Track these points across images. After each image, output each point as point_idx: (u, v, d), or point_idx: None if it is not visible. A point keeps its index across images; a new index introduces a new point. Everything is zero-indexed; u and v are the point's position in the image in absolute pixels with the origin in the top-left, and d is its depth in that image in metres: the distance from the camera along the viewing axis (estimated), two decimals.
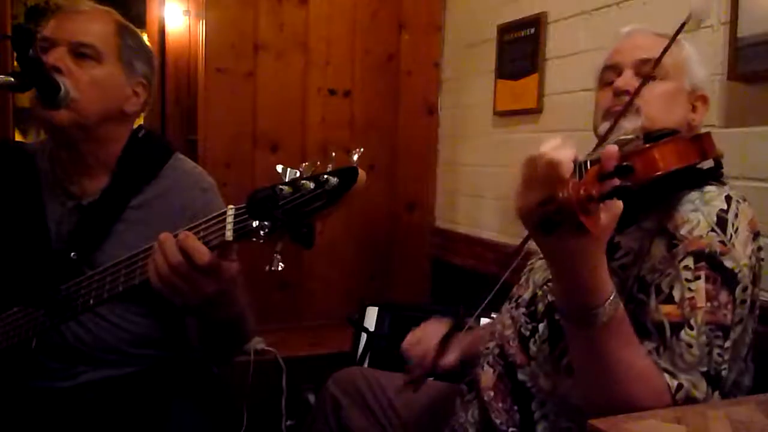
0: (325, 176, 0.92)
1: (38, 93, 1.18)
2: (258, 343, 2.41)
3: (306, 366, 2.44)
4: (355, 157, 0.93)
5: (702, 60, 1.33)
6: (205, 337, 1.31)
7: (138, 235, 1.25)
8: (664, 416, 0.89)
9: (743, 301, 1.07)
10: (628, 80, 1.25)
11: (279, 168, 0.96)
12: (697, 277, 1.05)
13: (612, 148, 0.89)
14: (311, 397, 2.33)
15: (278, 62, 2.68)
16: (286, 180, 0.94)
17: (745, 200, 1.16)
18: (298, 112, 2.74)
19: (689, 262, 1.06)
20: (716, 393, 1.02)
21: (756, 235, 1.13)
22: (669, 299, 1.06)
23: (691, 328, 1.03)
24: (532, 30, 2.32)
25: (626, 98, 1.22)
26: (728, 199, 1.12)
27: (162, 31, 3.53)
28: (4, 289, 1.28)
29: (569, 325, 1.01)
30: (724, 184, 1.18)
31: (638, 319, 1.07)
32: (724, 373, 1.04)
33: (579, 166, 0.88)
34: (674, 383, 0.99)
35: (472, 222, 2.75)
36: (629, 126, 1.19)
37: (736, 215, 1.10)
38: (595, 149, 1.16)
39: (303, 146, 2.74)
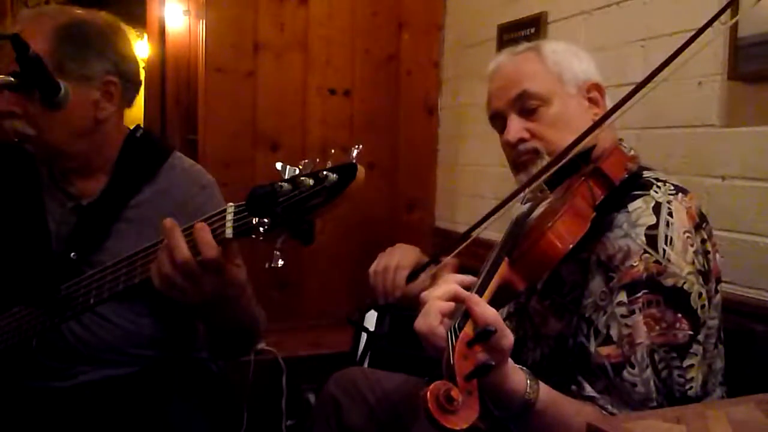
0: (325, 173, 0.92)
1: (39, 93, 1.18)
2: (258, 343, 2.41)
3: (306, 366, 2.44)
4: (354, 154, 0.93)
5: (572, 49, 1.29)
6: (211, 338, 1.32)
7: (138, 235, 1.25)
8: (664, 416, 0.89)
9: (702, 306, 1.06)
10: (516, 130, 1.23)
11: (278, 165, 0.96)
12: (632, 312, 1.04)
13: (472, 301, 0.89)
14: (311, 397, 2.33)
15: (278, 62, 2.68)
16: (286, 177, 0.94)
17: (678, 192, 1.12)
18: (298, 112, 2.74)
19: (623, 296, 1.05)
20: None
21: (698, 226, 1.11)
22: (607, 340, 1.05)
23: (633, 366, 1.03)
24: (532, 30, 2.31)
25: (524, 146, 1.22)
26: (656, 208, 1.08)
27: (162, 31, 3.52)
28: (5, 289, 1.28)
29: (505, 421, 1.01)
30: (649, 187, 1.13)
31: (586, 361, 1.07)
32: (691, 392, 1.03)
33: (453, 330, 0.87)
34: None
35: (472, 222, 2.74)
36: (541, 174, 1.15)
37: (668, 224, 1.07)
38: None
39: (303, 146, 2.73)
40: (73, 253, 1.30)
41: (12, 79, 1.11)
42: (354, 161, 0.93)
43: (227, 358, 1.53)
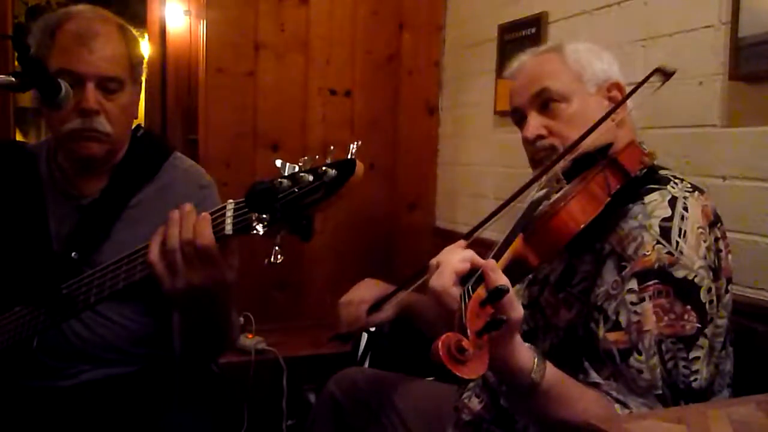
0: (324, 168, 0.93)
1: (38, 94, 1.18)
2: (258, 343, 2.41)
3: (307, 366, 2.44)
4: (353, 150, 0.94)
5: (595, 49, 1.31)
6: (185, 336, 1.31)
7: (137, 234, 1.25)
8: (665, 416, 0.89)
9: (711, 302, 1.07)
10: (534, 127, 1.26)
11: (278, 163, 0.97)
12: (642, 299, 1.05)
13: (489, 266, 0.93)
14: (312, 397, 2.33)
15: (279, 62, 2.68)
16: (285, 174, 0.95)
17: (695, 190, 1.14)
18: (298, 112, 2.74)
19: (633, 284, 1.07)
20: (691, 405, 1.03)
21: (713, 225, 1.12)
22: (616, 326, 1.07)
23: (640, 353, 1.04)
24: (533, 30, 2.31)
25: (541, 143, 1.25)
26: (672, 202, 1.10)
27: (163, 31, 3.52)
28: (5, 289, 1.28)
29: (510, 399, 1.04)
30: (666, 183, 1.15)
31: (594, 347, 1.09)
32: (696, 384, 1.04)
33: (467, 291, 0.91)
34: (624, 411, 1.01)
35: (472, 222, 2.74)
36: (558, 168, 1.18)
37: (683, 217, 1.09)
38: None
39: (304, 146, 2.73)
40: (74, 253, 1.30)
41: (12, 79, 1.11)
42: (353, 157, 0.93)
43: (198, 361, 1.51)
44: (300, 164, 0.96)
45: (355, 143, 0.94)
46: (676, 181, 1.16)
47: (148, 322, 1.36)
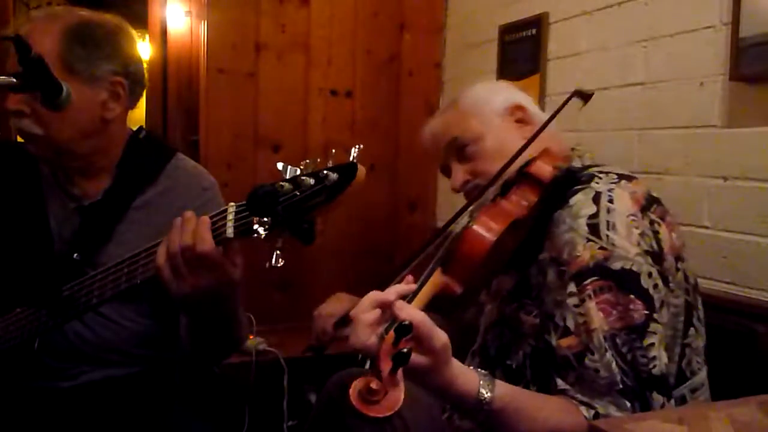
0: (325, 172, 0.93)
1: (40, 94, 1.18)
2: (259, 343, 2.41)
3: (307, 367, 2.44)
4: (354, 153, 0.94)
5: (487, 86, 1.41)
6: (194, 338, 1.31)
7: (140, 235, 1.25)
8: (666, 417, 0.89)
9: (655, 286, 1.08)
10: (457, 178, 1.35)
11: (280, 165, 0.97)
12: (583, 300, 1.07)
13: (394, 306, 0.93)
14: (313, 398, 2.33)
15: (280, 62, 2.68)
16: (287, 177, 0.95)
17: (621, 179, 1.15)
18: (299, 113, 2.74)
19: (572, 287, 1.08)
20: (655, 393, 1.03)
21: (645, 209, 1.12)
22: (566, 332, 1.08)
23: (593, 353, 1.05)
24: (534, 30, 2.31)
25: (469, 186, 1.33)
26: (596, 198, 1.12)
27: (164, 32, 3.53)
28: (7, 290, 1.28)
29: (473, 421, 1.03)
30: (590, 180, 1.16)
31: (553, 356, 1.10)
32: (655, 370, 1.04)
33: (381, 336, 0.92)
34: (590, 413, 1.02)
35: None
36: (490, 195, 1.21)
37: (608, 210, 1.10)
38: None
39: (305, 147, 2.73)
40: (75, 254, 1.30)
41: (14, 79, 1.11)
42: (354, 161, 0.93)
43: (208, 361, 1.52)
44: (301, 167, 0.96)
45: (357, 147, 0.95)
46: (601, 175, 1.16)
47: (150, 323, 1.36)
